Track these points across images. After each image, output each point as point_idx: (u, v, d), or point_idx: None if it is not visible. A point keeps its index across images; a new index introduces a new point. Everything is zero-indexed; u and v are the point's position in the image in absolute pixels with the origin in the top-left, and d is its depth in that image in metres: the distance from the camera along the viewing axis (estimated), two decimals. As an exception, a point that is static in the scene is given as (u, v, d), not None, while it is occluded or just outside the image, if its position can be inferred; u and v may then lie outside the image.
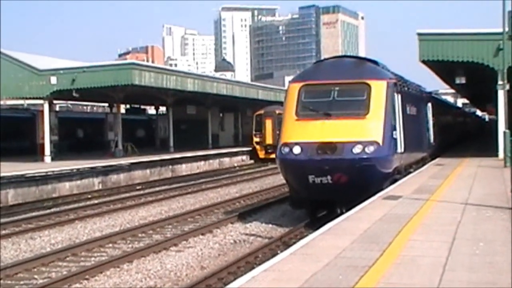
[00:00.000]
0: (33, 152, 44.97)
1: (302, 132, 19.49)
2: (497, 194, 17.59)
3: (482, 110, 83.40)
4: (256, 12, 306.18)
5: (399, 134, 20.88)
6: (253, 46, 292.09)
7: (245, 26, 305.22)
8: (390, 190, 19.09)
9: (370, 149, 18.93)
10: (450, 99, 68.66)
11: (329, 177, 18.82)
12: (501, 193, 17.80)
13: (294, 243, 13.17)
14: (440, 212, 14.77)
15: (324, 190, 19.00)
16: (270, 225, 20.89)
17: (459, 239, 11.43)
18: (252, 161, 57.07)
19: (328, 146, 18.97)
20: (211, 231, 20.03)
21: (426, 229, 12.55)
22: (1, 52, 41.45)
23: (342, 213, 15.80)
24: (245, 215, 22.59)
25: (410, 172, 24.19)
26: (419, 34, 30.92)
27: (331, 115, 19.44)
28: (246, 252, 16.73)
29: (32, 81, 41.03)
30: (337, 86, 19.99)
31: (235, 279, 10.71)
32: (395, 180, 21.02)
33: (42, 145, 42.70)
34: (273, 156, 33.22)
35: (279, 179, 28.99)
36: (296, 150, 19.18)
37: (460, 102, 74.11)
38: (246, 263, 15.11)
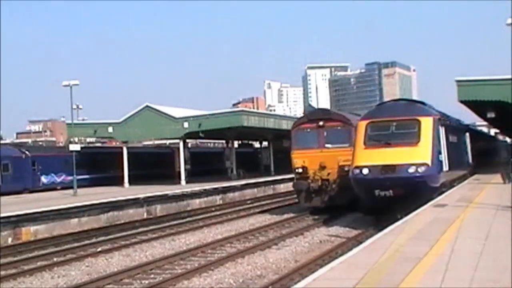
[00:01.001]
0: (173, 177, 46.04)
1: (369, 157, 19.43)
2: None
3: (510, 137, 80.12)
4: (333, 69, 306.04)
5: (444, 157, 20.61)
6: (332, 94, 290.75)
7: (325, 79, 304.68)
8: (438, 200, 18.75)
9: (421, 169, 18.83)
10: (485, 129, 66.24)
11: (390, 191, 18.77)
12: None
13: (364, 241, 13.09)
14: (477, 216, 14.44)
15: (387, 201, 18.88)
16: (347, 228, 20.71)
17: (491, 236, 11.16)
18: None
19: (389, 168, 18.91)
20: (302, 233, 20.02)
21: (465, 229, 12.31)
22: (149, 106, 42.87)
23: (400, 218, 15.56)
24: (327, 221, 22.48)
25: (454, 186, 23.64)
26: (457, 81, 30.20)
27: (390, 143, 19.40)
28: (328, 249, 16.69)
29: (170, 126, 42.06)
30: (395, 122, 19.91)
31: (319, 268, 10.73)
32: (442, 192, 20.61)
33: (179, 172, 43.69)
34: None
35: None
36: (365, 171, 19.21)
37: (493, 131, 71.31)
38: (328, 256, 15.05)
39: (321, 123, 24.46)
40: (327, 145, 24.29)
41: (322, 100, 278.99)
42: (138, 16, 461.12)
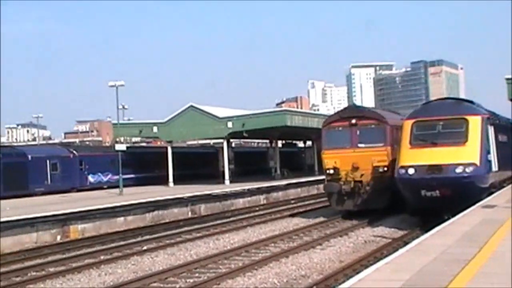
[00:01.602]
0: (217, 177, 46.34)
1: (415, 157, 19.18)
2: None
3: None
4: (377, 68, 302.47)
5: (493, 157, 20.16)
6: (376, 93, 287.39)
7: (370, 78, 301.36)
8: (487, 200, 18.29)
9: (469, 169, 18.52)
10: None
11: (437, 191, 18.54)
12: None
13: (410, 242, 12.90)
14: (527, 217, 14.03)
15: (433, 201, 18.63)
16: (392, 229, 20.45)
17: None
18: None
19: (435, 167, 18.65)
20: (347, 234, 19.88)
21: (515, 231, 11.98)
22: (193, 106, 43.23)
23: (448, 219, 15.29)
24: (372, 221, 22.26)
25: (504, 187, 23.06)
26: (507, 79, 29.64)
27: (437, 143, 19.13)
28: (374, 249, 16.53)
29: (214, 126, 42.37)
30: (441, 121, 19.61)
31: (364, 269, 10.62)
32: (491, 193, 20.13)
33: (223, 172, 43.96)
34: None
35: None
36: (411, 171, 19.00)
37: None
38: (373, 257, 14.90)
39: (353, 121, 23.26)
40: (360, 145, 23.12)
41: (367, 99, 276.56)
42: (184, 17, 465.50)
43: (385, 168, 22.27)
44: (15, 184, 36.86)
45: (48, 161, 40.35)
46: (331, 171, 23.33)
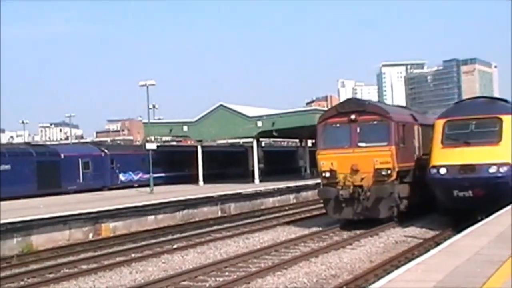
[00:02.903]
0: (246, 176, 46.40)
1: (447, 157, 18.98)
2: None
3: None
4: (409, 67, 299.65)
5: None
6: (407, 92, 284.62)
7: (401, 77, 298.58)
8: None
9: (503, 169, 18.31)
10: None
11: (470, 192, 18.35)
12: None
13: (442, 243, 12.75)
14: None
15: (466, 201, 18.41)
16: (423, 229, 20.23)
17: None
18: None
19: (468, 167, 18.46)
20: (377, 234, 19.70)
21: (550, 232, 11.77)
22: (223, 105, 43.36)
23: (481, 220, 15.08)
24: (403, 221, 22.04)
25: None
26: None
27: (470, 143, 18.89)
28: (404, 250, 16.38)
29: (244, 125, 42.43)
30: (474, 120, 19.37)
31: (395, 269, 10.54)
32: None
33: (253, 171, 44.02)
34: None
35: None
36: (442, 171, 18.81)
37: None
38: (404, 258, 14.77)
39: (353, 116, 20.35)
40: (360, 144, 20.35)
41: (398, 98, 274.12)
42: (213, 16, 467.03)
43: (389, 171, 19.83)
44: (48, 182, 37.47)
45: (80, 160, 40.89)
46: (327, 174, 20.51)
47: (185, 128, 44.96)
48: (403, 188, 20.78)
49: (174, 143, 75.96)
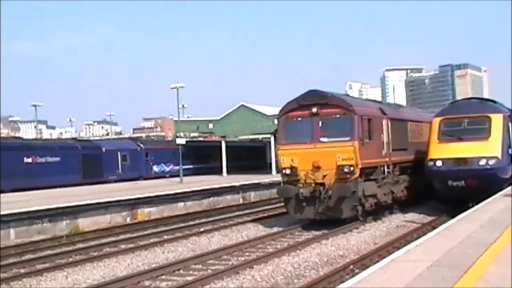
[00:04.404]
0: (265, 168, 46.40)
1: (443, 151, 18.91)
2: None
3: None
4: (408, 71, 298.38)
5: None
6: (408, 93, 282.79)
7: (401, 80, 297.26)
8: (508, 190, 17.83)
9: (492, 161, 18.21)
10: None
11: (462, 182, 18.28)
12: None
13: (438, 227, 12.69)
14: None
15: (459, 190, 18.37)
16: (422, 215, 20.14)
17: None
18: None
19: (461, 160, 18.41)
20: (381, 219, 19.54)
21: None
22: (244, 105, 43.43)
23: (472, 206, 14.97)
24: (404, 208, 21.90)
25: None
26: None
27: (463, 138, 18.83)
28: (405, 233, 16.32)
29: (263, 123, 42.46)
30: (467, 118, 19.33)
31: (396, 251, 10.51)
32: (512, 183, 19.63)
33: (270, 163, 43.98)
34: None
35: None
36: (439, 163, 18.76)
37: None
38: (405, 240, 14.71)
39: (314, 109, 17.26)
40: (322, 139, 17.19)
41: (399, 99, 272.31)
42: (236, 20, 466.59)
43: (351, 168, 16.69)
44: (92, 172, 37.87)
45: (119, 153, 41.24)
46: (288, 171, 17.42)
47: (210, 125, 45.14)
48: (369, 186, 17.68)
49: (201, 139, 76.07)
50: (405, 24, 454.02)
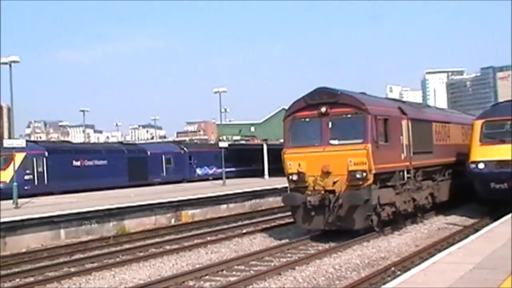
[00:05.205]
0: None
1: (485, 153, 18.51)
2: None
3: None
4: (449, 73, 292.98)
5: None
6: (449, 96, 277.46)
7: (443, 83, 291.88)
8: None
9: None
10: None
11: (505, 184, 17.84)
12: None
13: (480, 229, 12.44)
14: None
15: (502, 193, 17.86)
16: (463, 217, 19.74)
17: None
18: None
19: (504, 163, 17.98)
20: (422, 221, 19.22)
21: None
22: (285, 109, 43.38)
23: (516, 209, 14.62)
24: (445, 210, 21.50)
25: None
26: None
27: (505, 141, 18.30)
28: (446, 235, 16.03)
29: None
30: (509, 121, 18.82)
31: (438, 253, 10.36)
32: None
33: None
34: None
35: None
36: (481, 165, 18.40)
37: None
38: (447, 242, 14.44)
39: (323, 109, 15.55)
40: (332, 141, 15.53)
41: (440, 102, 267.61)
42: (278, 25, 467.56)
43: (364, 174, 14.91)
44: (137, 175, 38.59)
45: (163, 156, 41.89)
46: (295, 177, 15.74)
47: (252, 128, 45.31)
48: (385, 194, 15.88)
49: (243, 142, 76.49)
50: (447, 26, 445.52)
